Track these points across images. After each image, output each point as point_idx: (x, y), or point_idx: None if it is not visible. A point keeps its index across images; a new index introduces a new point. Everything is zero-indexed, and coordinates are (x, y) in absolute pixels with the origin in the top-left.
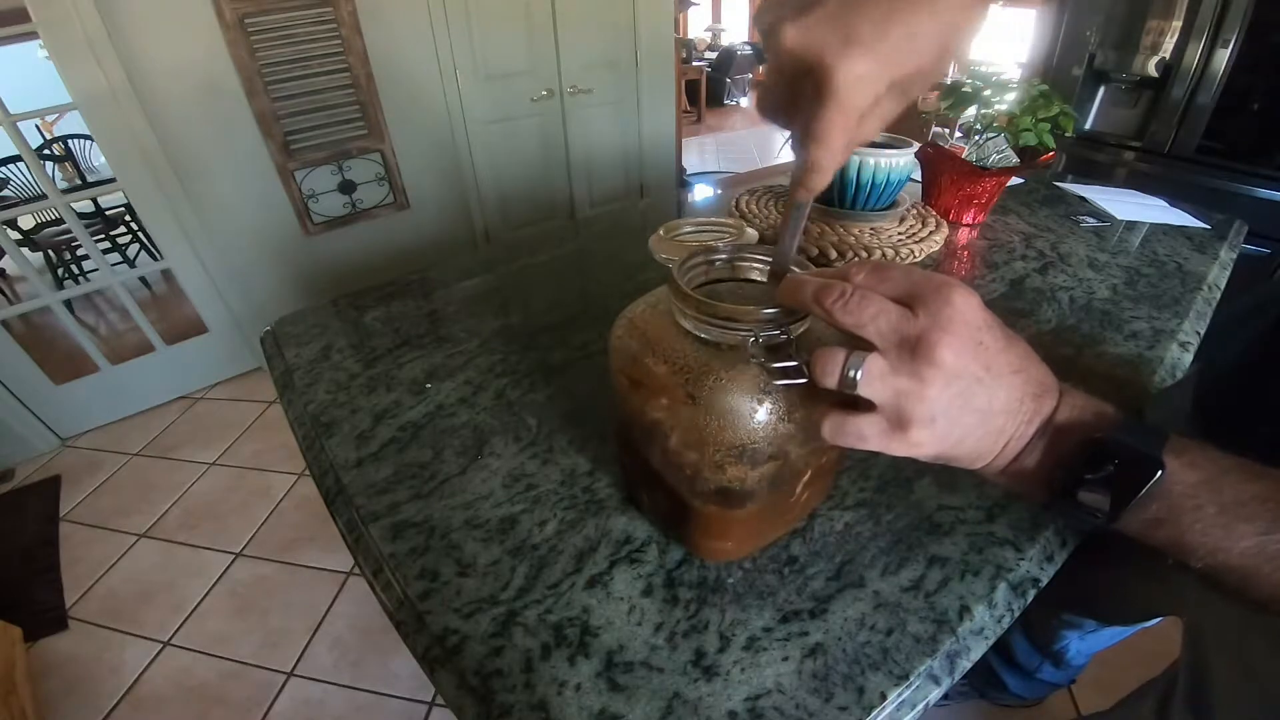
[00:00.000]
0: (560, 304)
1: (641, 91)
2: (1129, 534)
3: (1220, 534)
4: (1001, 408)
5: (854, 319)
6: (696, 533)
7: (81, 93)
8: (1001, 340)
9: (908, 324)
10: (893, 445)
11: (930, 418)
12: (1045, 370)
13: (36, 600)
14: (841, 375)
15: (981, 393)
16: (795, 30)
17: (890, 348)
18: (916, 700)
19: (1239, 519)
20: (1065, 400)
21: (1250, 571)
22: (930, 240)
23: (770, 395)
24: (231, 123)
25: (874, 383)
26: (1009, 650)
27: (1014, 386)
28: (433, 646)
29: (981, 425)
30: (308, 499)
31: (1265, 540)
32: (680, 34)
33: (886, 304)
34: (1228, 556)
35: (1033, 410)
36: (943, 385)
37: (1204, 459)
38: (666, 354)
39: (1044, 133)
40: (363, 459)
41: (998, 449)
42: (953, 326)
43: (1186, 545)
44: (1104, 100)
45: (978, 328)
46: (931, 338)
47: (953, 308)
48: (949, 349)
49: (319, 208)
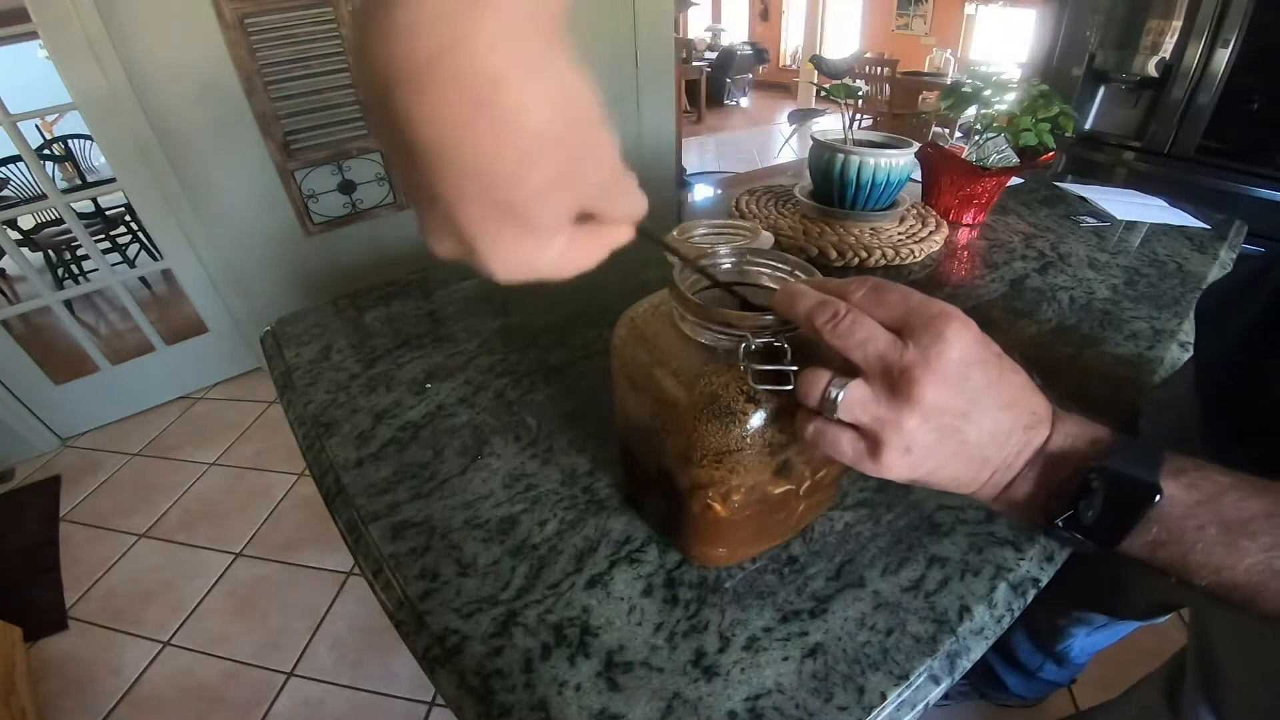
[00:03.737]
0: (560, 304)
1: (641, 91)
2: (1131, 556)
3: (1223, 552)
4: (986, 440)
5: (843, 343)
6: (688, 537)
7: (81, 93)
8: (993, 374)
9: (895, 354)
10: (865, 466)
11: (905, 447)
12: (1040, 401)
13: (36, 600)
14: (823, 397)
15: (964, 426)
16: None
17: (875, 376)
18: (916, 700)
19: (1242, 536)
20: (1058, 429)
21: (1257, 588)
22: (930, 240)
23: (760, 403)
24: (231, 123)
25: (853, 408)
26: (1010, 650)
27: (1001, 420)
28: (433, 646)
29: (960, 456)
30: (308, 499)
31: (1271, 556)
32: (680, 34)
33: (877, 331)
34: (1233, 575)
35: (1023, 442)
36: (920, 420)
37: (1202, 478)
38: (664, 355)
39: (1044, 133)
40: (363, 459)
41: (982, 479)
42: (939, 364)
43: (1190, 565)
44: (1104, 100)
45: (967, 364)
46: (915, 373)
47: (944, 343)
48: (931, 386)
49: (319, 208)
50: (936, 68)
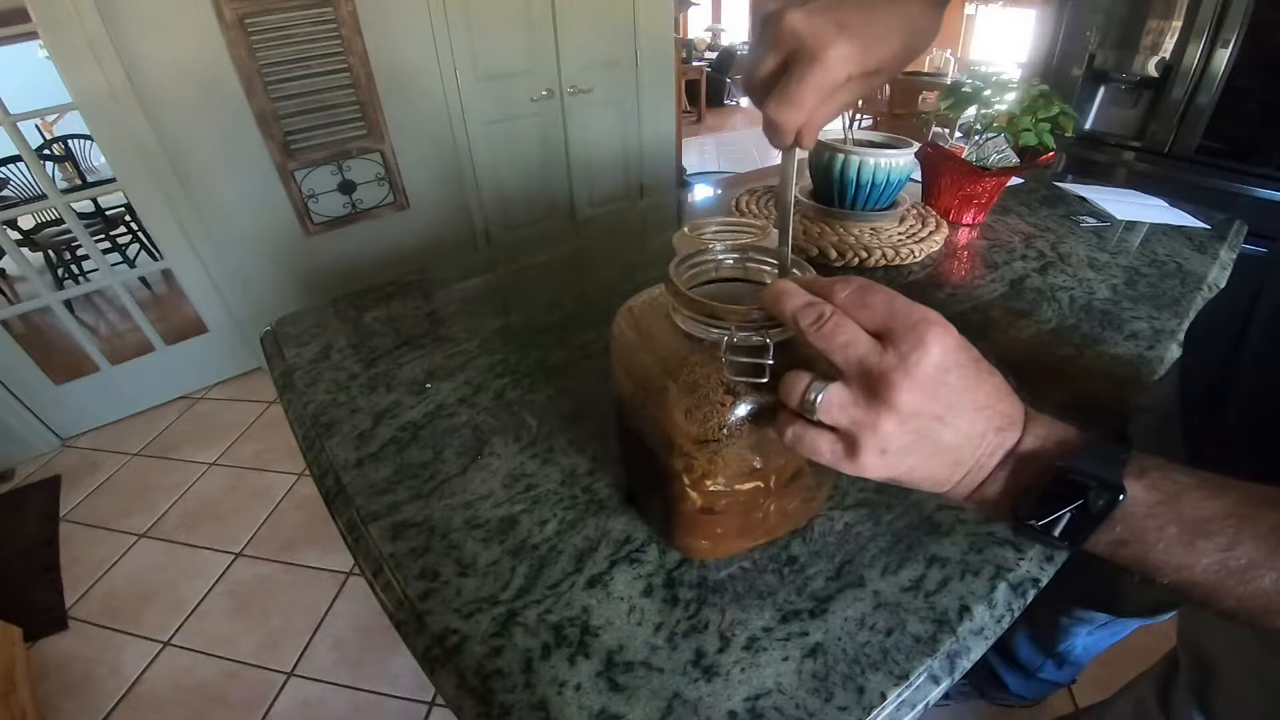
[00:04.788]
0: (560, 304)
1: (641, 91)
2: (1096, 554)
3: (1182, 552)
4: (960, 442)
5: (825, 345)
6: (673, 526)
7: (81, 93)
8: (970, 379)
9: (875, 358)
10: (843, 466)
11: (881, 449)
12: (1014, 403)
13: (36, 600)
14: (803, 398)
15: (940, 429)
16: (799, 15)
17: (854, 378)
18: (916, 700)
19: (1200, 536)
20: (1030, 430)
21: (1214, 586)
22: (930, 240)
23: (740, 397)
24: (231, 123)
25: (832, 410)
26: (1010, 650)
27: (975, 422)
28: (433, 646)
29: (935, 457)
30: (308, 499)
31: (1226, 557)
32: (680, 34)
33: (858, 334)
34: (1191, 574)
35: (995, 444)
36: (897, 423)
37: (1164, 480)
38: (655, 344)
39: (1044, 133)
40: (363, 459)
41: (955, 479)
42: (917, 370)
43: (1150, 564)
44: (1104, 100)
45: (944, 369)
46: (892, 378)
47: (923, 349)
48: (908, 392)
49: (319, 208)
50: (936, 68)
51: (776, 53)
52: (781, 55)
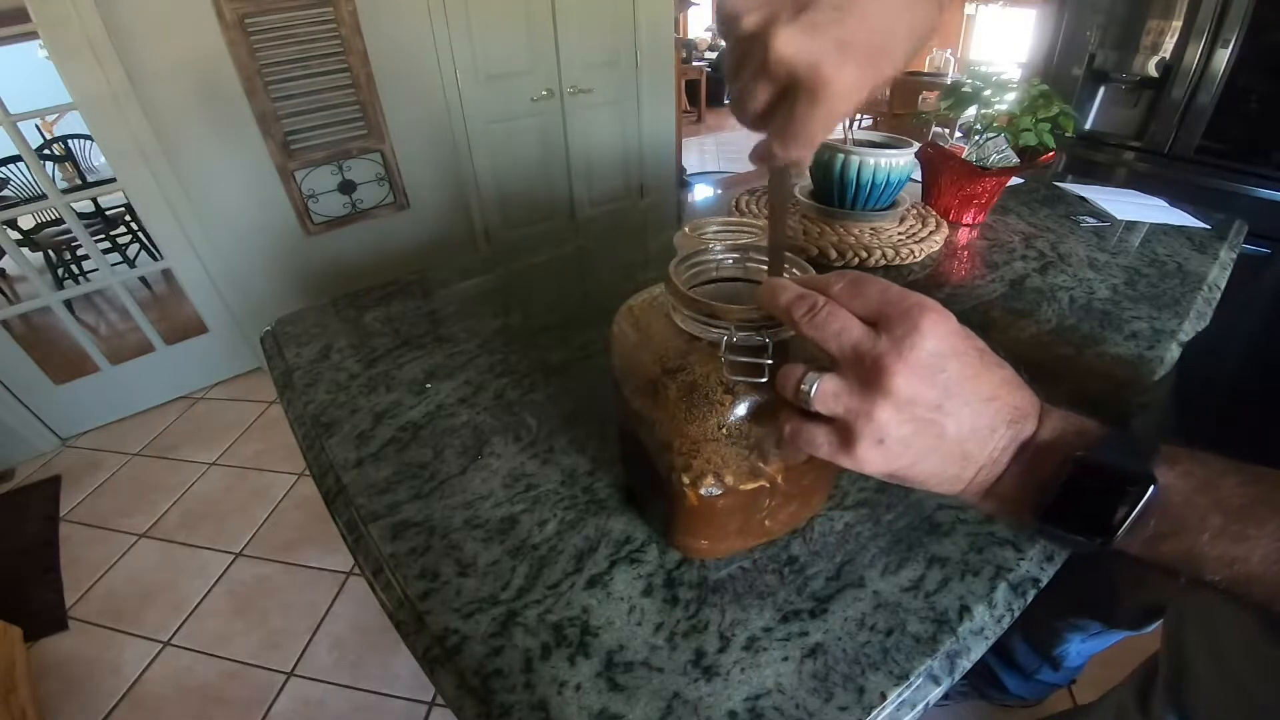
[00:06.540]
0: (560, 304)
1: (641, 91)
2: (1131, 555)
3: (1230, 543)
4: (966, 435)
5: (818, 334)
6: (673, 526)
7: (81, 93)
8: (972, 367)
9: (868, 344)
10: (840, 459)
11: (878, 439)
12: (1026, 395)
13: (36, 600)
14: (797, 388)
15: (941, 419)
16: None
17: (849, 367)
18: (916, 700)
19: (1250, 523)
20: (1046, 422)
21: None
22: (930, 240)
23: (737, 395)
24: (231, 123)
25: (827, 399)
26: (1009, 652)
27: (982, 414)
28: (433, 646)
29: (938, 451)
30: (308, 499)
31: None
32: (680, 34)
33: (851, 322)
34: (1247, 567)
35: (1009, 437)
36: (893, 410)
37: (1198, 466)
38: (654, 343)
39: (1044, 133)
40: (363, 459)
41: (966, 475)
42: (911, 354)
43: (1197, 558)
44: (1104, 100)
45: (942, 355)
46: (885, 363)
47: (917, 333)
48: (901, 376)
49: (319, 208)
50: (936, 68)
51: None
52: (777, 88)
